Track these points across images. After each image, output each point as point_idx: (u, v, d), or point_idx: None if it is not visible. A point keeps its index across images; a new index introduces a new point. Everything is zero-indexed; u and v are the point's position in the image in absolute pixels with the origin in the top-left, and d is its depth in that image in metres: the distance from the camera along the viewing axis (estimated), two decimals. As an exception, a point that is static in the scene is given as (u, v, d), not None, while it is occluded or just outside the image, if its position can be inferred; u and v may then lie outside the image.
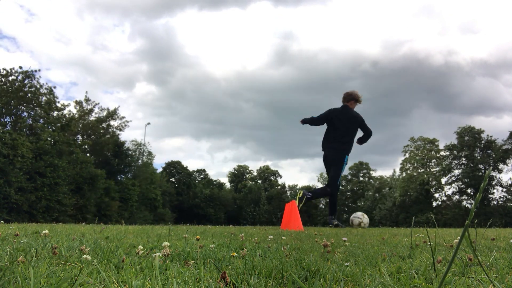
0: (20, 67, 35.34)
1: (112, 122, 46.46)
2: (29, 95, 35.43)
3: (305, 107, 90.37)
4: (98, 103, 46.08)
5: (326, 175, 10.18)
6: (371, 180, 67.35)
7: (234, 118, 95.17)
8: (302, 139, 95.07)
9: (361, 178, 67.87)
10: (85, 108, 45.20)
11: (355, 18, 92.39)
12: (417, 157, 58.20)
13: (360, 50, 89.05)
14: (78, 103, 45.41)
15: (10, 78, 34.80)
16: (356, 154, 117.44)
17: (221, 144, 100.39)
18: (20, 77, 35.20)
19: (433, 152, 57.95)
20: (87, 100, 45.49)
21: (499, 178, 51.32)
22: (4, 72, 34.79)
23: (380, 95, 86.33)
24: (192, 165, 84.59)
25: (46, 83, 40.88)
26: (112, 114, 46.09)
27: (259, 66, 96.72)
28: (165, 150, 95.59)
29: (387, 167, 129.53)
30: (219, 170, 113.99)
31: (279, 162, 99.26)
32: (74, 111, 44.54)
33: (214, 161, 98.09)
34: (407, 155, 59.48)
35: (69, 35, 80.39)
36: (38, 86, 36.09)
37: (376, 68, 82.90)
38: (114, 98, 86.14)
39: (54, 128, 36.82)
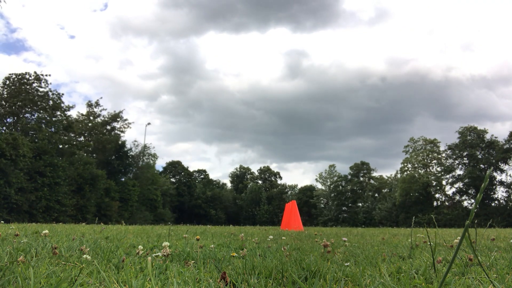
0: (26, 73, 36.22)
1: (115, 124, 47.49)
2: (36, 98, 36.21)
3: (314, 114, 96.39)
4: (106, 108, 47.70)
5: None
6: (371, 181, 67.19)
7: (245, 124, 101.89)
8: (308, 144, 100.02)
9: (361, 178, 67.68)
10: (94, 111, 46.61)
11: (364, 40, 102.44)
12: (418, 158, 58.10)
13: (368, 67, 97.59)
14: (89, 105, 46.74)
15: (18, 83, 35.95)
16: (359, 155, 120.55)
17: (230, 147, 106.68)
18: (32, 81, 36.39)
19: (435, 154, 57.88)
20: (97, 104, 46.82)
21: (509, 175, 51.15)
22: (15, 76, 35.89)
23: (385, 104, 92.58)
24: (198, 167, 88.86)
25: (50, 85, 41.65)
26: (115, 117, 47.16)
27: (272, 79, 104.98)
28: (173, 153, 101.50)
29: (391, 170, 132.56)
30: (225, 172, 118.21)
31: (284, 165, 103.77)
32: (84, 111, 46.04)
33: (222, 163, 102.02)
34: (407, 156, 59.38)
35: (99, 53, 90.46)
36: (46, 89, 37.03)
37: (383, 82, 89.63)
38: (135, 107, 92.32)
39: (56, 129, 37.12)
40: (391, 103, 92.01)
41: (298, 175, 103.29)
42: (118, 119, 47.19)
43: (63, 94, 43.28)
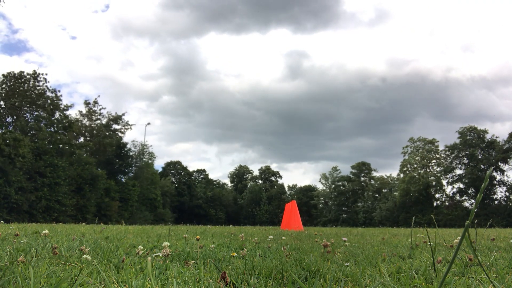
0: (21, 71, 36.21)
1: (116, 126, 47.60)
2: (33, 95, 36.25)
3: (314, 115, 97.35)
4: (105, 108, 47.44)
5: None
6: (371, 181, 67.19)
7: (245, 124, 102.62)
8: (308, 144, 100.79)
9: (362, 179, 67.67)
10: (92, 110, 46.52)
11: (364, 41, 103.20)
12: (417, 158, 58.09)
13: (369, 68, 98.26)
14: (88, 104, 46.65)
15: (17, 81, 35.98)
16: (360, 155, 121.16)
17: (230, 148, 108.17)
18: (30, 80, 36.44)
19: (433, 153, 57.91)
20: (95, 102, 46.72)
21: (507, 175, 51.15)
22: (14, 74, 35.94)
23: (385, 105, 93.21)
24: (198, 167, 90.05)
25: (48, 83, 41.68)
26: (117, 119, 47.23)
27: (273, 79, 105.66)
28: (174, 153, 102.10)
29: (391, 170, 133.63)
30: (225, 172, 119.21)
31: (284, 165, 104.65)
32: (84, 110, 46.04)
33: (222, 163, 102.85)
34: (406, 156, 59.39)
35: (101, 54, 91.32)
36: (44, 87, 37.04)
37: (384, 83, 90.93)
38: (136, 108, 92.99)
39: (56, 129, 37.14)
40: (391, 103, 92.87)
41: (298, 175, 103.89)
42: (119, 121, 47.33)
43: (60, 90, 43.29)
